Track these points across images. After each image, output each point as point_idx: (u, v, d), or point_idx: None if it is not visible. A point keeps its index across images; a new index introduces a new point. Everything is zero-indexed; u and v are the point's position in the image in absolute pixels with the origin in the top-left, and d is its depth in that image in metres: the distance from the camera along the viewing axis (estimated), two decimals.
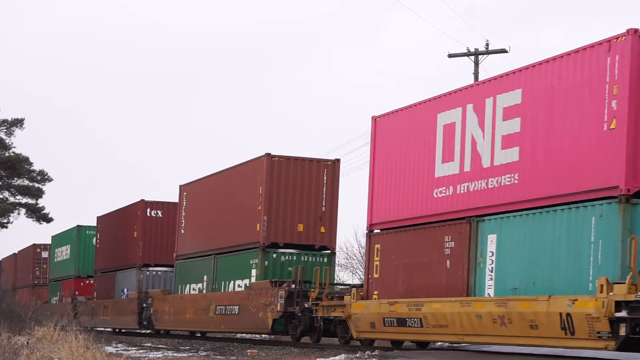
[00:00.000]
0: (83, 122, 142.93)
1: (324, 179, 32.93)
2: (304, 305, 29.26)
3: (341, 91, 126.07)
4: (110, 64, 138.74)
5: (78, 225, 57.31)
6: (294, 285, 29.86)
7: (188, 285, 38.93)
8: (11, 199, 56.86)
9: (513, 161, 21.00)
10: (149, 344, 37.33)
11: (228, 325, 34.55)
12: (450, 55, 47.76)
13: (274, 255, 32.44)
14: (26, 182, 56.64)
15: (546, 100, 20.20)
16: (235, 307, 33.32)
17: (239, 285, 33.93)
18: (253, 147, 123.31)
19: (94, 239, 54.66)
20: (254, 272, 32.77)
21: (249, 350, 27.02)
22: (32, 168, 56.26)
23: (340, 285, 30.92)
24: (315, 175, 32.88)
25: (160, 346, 35.06)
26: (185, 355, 28.05)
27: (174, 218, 42.17)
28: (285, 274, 31.87)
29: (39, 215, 57.76)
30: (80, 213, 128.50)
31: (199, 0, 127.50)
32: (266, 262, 32.33)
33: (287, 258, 32.47)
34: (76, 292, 56.55)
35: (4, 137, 54.61)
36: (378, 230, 26.13)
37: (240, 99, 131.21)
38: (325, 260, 32.76)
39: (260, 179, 32.77)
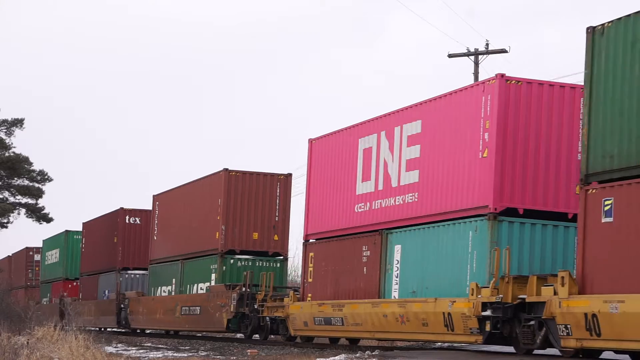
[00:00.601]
0: (83, 122, 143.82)
1: (277, 191, 36.36)
2: (254, 307, 32.71)
3: (341, 91, 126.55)
4: (110, 64, 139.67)
5: (66, 230, 60.65)
6: (244, 289, 33.30)
7: (160, 288, 42.39)
8: (11, 199, 56.37)
9: (414, 182, 24.43)
10: (149, 344, 37.60)
11: (191, 325, 38.07)
12: (450, 56, 47.58)
13: (231, 261, 35.86)
14: (26, 182, 56.07)
15: (439, 130, 23.62)
16: (197, 308, 36.79)
17: (200, 288, 37.36)
18: (254, 147, 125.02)
19: (81, 244, 58.15)
20: (213, 277, 36.20)
21: (249, 350, 27.50)
22: (32, 168, 55.60)
23: (286, 288, 34.27)
24: (269, 188, 36.31)
25: (160, 346, 35.36)
26: (185, 355, 28.19)
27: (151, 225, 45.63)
28: (242, 278, 35.28)
29: (39, 215, 57.46)
30: (80, 213, 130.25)
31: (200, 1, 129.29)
32: (224, 267, 35.75)
33: (243, 263, 35.88)
34: (64, 294, 60.01)
35: (4, 137, 53.88)
36: (313, 240, 29.58)
37: (240, 99, 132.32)
38: (278, 265, 36.20)
39: (219, 192, 36.20)
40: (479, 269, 21.59)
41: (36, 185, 56.08)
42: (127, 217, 49.21)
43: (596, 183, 18.59)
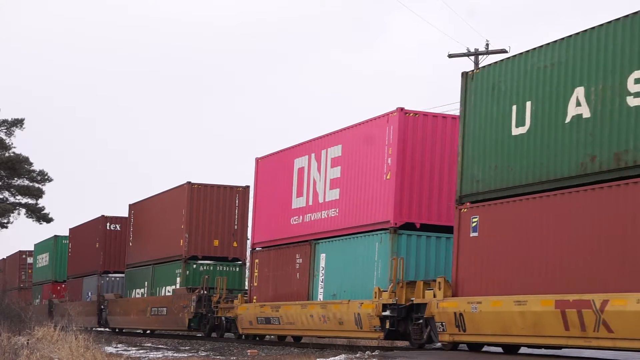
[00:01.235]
0: (83, 122, 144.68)
1: (236, 202, 40.01)
2: (210, 307, 36.34)
3: (342, 91, 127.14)
4: (111, 64, 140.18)
5: (55, 235, 64.35)
6: (203, 291, 36.93)
7: (134, 290, 46.08)
8: (11, 199, 55.71)
9: (336, 199, 28.02)
10: (149, 344, 38.00)
11: (159, 324, 41.76)
12: (450, 56, 47.53)
13: (194, 265, 39.52)
14: (26, 182, 55.35)
15: (355, 154, 27.21)
16: (164, 309, 40.45)
17: (168, 291, 41.00)
18: (255, 147, 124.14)
19: (68, 248, 61.84)
20: (178, 280, 39.86)
21: (249, 350, 27.99)
22: (32, 168, 54.89)
23: (238, 291, 37.83)
24: (229, 199, 39.96)
25: (160, 346, 35.82)
26: (185, 355, 28.54)
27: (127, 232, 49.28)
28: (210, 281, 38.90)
29: (39, 216, 56.37)
30: (80, 213, 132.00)
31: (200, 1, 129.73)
32: (187, 272, 39.41)
33: (205, 268, 39.51)
34: (53, 295, 63.72)
35: (4, 137, 53.27)
36: (259, 248, 33.19)
37: (242, 98, 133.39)
38: (237, 269, 39.86)
39: (182, 203, 39.85)
40: (382, 275, 25.16)
41: (36, 185, 55.45)
42: (108, 224, 52.92)
43: (469, 203, 22.18)
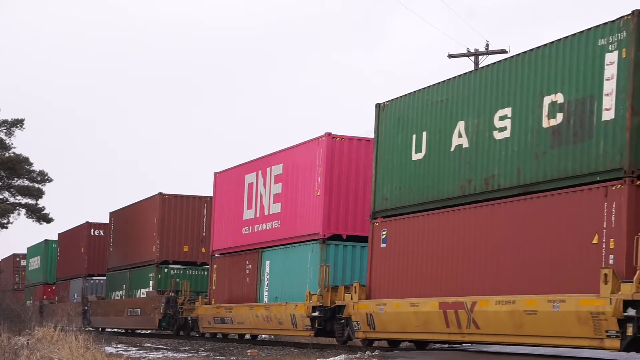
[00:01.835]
0: (83, 122, 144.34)
1: (204, 211, 43.38)
2: (177, 309, 39.77)
3: (343, 92, 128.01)
4: (111, 64, 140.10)
5: (46, 240, 67.87)
6: (171, 294, 40.34)
7: (114, 292, 49.53)
8: (11, 200, 55.84)
9: (278, 212, 31.40)
10: (149, 344, 38.28)
11: (134, 324, 45.25)
12: (450, 56, 47.60)
13: (165, 270, 42.94)
14: (26, 183, 55.47)
15: (293, 173, 30.59)
16: (139, 310, 43.90)
17: (142, 293, 44.44)
18: (257, 147, 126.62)
19: (57, 252, 65.35)
20: (151, 283, 43.28)
21: (249, 351, 28.50)
22: (32, 168, 54.99)
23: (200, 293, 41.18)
24: (197, 208, 43.36)
25: (160, 346, 36.06)
26: (185, 355, 28.85)
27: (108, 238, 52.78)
28: (174, 285, 42.32)
29: (39, 216, 56.59)
30: (80, 213, 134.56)
31: (199, 1, 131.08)
32: (159, 276, 42.82)
33: (176, 272, 42.94)
34: (43, 297, 67.28)
35: (4, 138, 53.38)
36: (217, 255, 36.59)
37: (241, 99, 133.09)
38: (205, 273, 43.16)
39: (154, 212, 43.26)
40: (313, 281, 28.53)
41: (36, 185, 55.60)
42: (92, 230, 56.52)
43: (381, 218, 25.56)
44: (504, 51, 45.99)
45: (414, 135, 24.28)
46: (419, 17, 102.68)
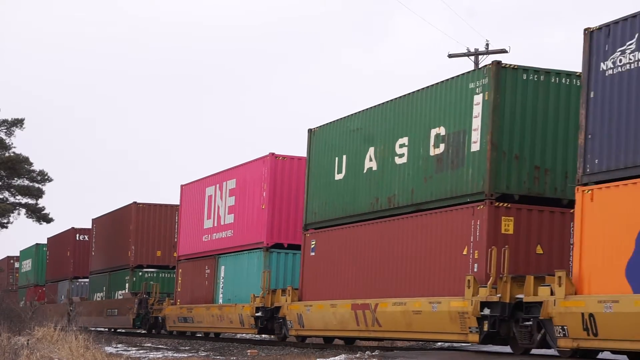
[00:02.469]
0: (83, 122, 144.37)
1: (176, 218, 46.94)
2: (148, 309, 43.39)
3: (341, 91, 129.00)
4: (111, 64, 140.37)
5: (37, 243, 71.61)
6: (143, 295, 43.95)
7: (96, 294, 53.18)
8: (11, 199, 56.19)
9: (231, 222, 35.00)
10: (149, 344, 38.54)
11: (112, 324, 48.89)
12: (450, 56, 47.85)
13: (140, 273, 46.57)
14: (26, 182, 55.78)
15: (244, 187, 34.19)
16: (115, 310, 47.54)
17: (119, 295, 48.07)
18: (258, 147, 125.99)
19: (46, 255, 69.02)
20: (127, 286, 46.89)
21: (249, 351, 28.88)
22: (32, 168, 55.24)
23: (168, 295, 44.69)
24: (170, 216, 46.97)
25: (160, 346, 36.35)
26: (185, 355, 29.21)
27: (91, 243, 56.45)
28: (147, 287, 45.89)
29: (39, 216, 57.02)
30: (79, 213, 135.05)
31: (198, 0, 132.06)
32: (134, 278, 46.45)
33: (149, 275, 46.54)
34: (35, 298, 70.97)
35: (4, 137, 53.53)
36: (183, 260, 40.18)
37: (245, 98, 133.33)
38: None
39: (129, 220, 46.89)
40: (258, 284, 32.11)
41: (36, 185, 55.80)
42: (77, 235, 60.25)
43: (312, 229, 29.13)
44: (504, 51, 46.54)
45: (336, 158, 27.86)
46: (419, 17, 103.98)
